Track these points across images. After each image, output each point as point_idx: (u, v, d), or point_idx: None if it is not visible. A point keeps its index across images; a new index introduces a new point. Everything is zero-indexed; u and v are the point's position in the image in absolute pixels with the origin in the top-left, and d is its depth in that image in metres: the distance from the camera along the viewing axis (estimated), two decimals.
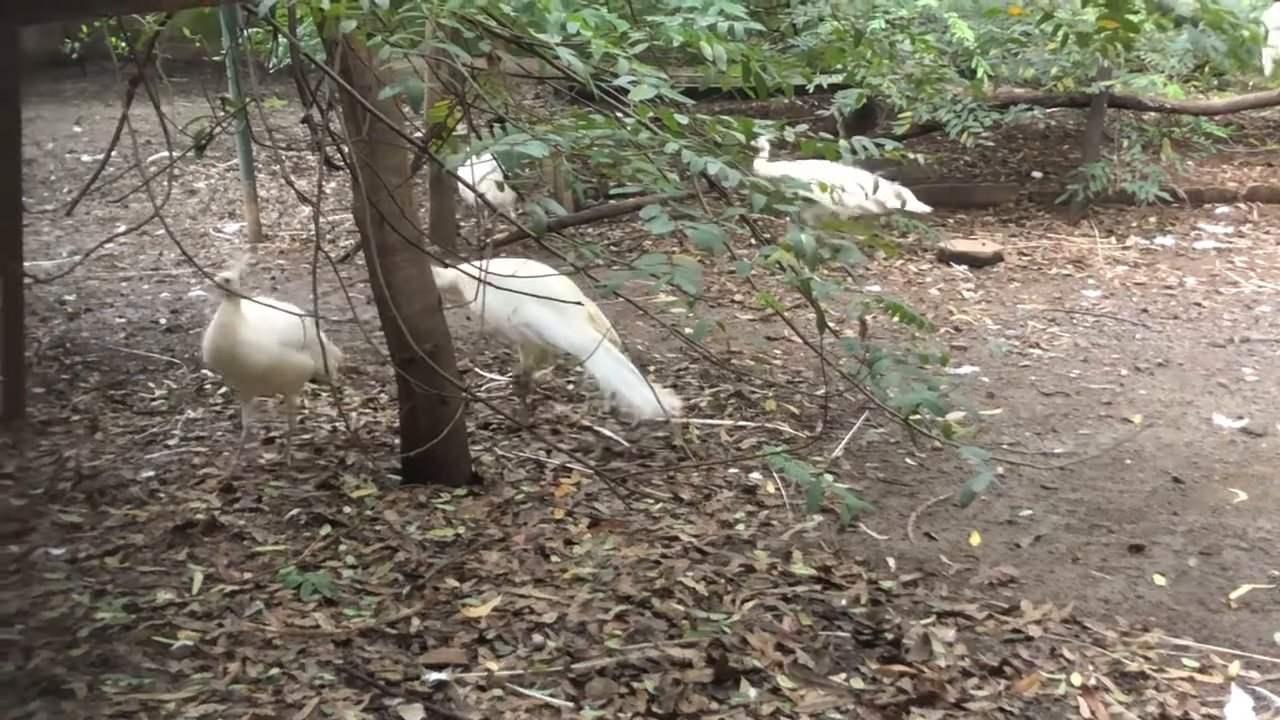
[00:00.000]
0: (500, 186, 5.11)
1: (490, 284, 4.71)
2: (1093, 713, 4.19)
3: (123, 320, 8.69)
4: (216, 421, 6.66)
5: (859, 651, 4.53)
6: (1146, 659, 4.53)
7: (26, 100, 6.90)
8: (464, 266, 6.26)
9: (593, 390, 6.63)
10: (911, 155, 4.75)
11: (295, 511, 5.52)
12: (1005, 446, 6.52)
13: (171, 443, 6.39)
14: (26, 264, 7.05)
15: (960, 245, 10.66)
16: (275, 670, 4.25)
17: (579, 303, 6.24)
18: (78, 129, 15.98)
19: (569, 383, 7.33)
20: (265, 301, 5.88)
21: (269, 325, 5.78)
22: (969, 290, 9.74)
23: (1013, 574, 5.17)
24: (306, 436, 6.45)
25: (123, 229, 10.57)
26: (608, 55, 3.90)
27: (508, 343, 6.94)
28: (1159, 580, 5.17)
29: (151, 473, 5.98)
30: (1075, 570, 5.26)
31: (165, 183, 6.91)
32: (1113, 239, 11.19)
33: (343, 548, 5.20)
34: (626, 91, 3.87)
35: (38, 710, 3.99)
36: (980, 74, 10.12)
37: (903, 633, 4.61)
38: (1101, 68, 11.17)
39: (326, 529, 5.37)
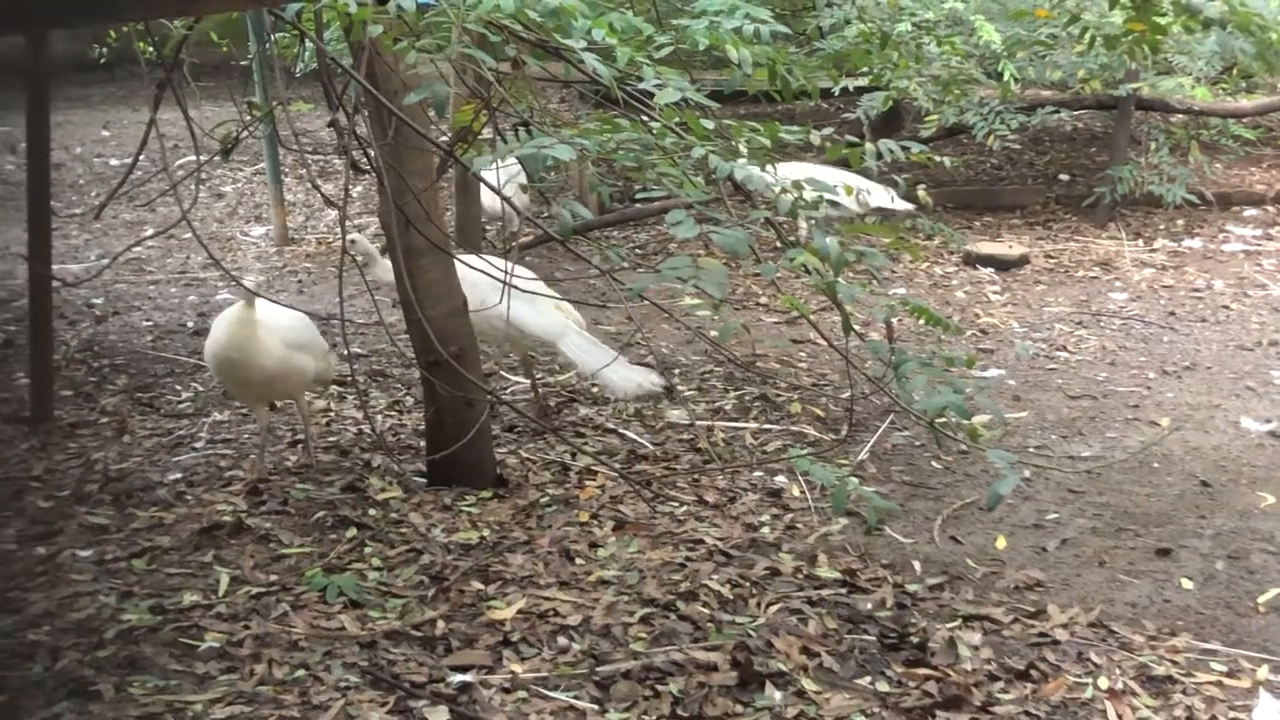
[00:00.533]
0: (524, 189, 5.12)
1: (512, 282, 4.71)
2: (1119, 717, 4.17)
3: (150, 323, 8.73)
4: (243, 424, 6.69)
5: (884, 655, 4.52)
6: (1174, 663, 4.51)
7: (55, 105, 6.94)
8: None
9: (568, 371, 6.57)
10: (938, 158, 4.74)
11: (321, 514, 5.54)
12: (1032, 450, 6.50)
13: (198, 445, 6.42)
14: (54, 267, 7.08)
15: (986, 248, 10.63)
16: (301, 672, 4.27)
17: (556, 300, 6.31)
18: (105, 133, 16.05)
19: (593, 385, 7.34)
20: (269, 299, 5.86)
21: (272, 327, 5.77)
22: (995, 293, 9.71)
23: (1039, 578, 5.16)
24: (332, 439, 6.47)
25: (150, 233, 10.61)
26: (632, 60, 3.90)
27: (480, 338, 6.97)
28: (1186, 584, 5.15)
29: (178, 475, 6.01)
30: (1102, 574, 5.24)
31: (192, 186, 6.93)
32: (1140, 242, 11.14)
33: (368, 550, 5.22)
34: (652, 95, 3.88)
35: (65, 711, 4.02)
36: (1007, 76, 10.09)
37: (928, 636, 4.60)
38: (1129, 70, 11.11)
39: (352, 531, 5.39)
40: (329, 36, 6.18)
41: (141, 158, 5.71)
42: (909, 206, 10.34)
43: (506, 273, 4.79)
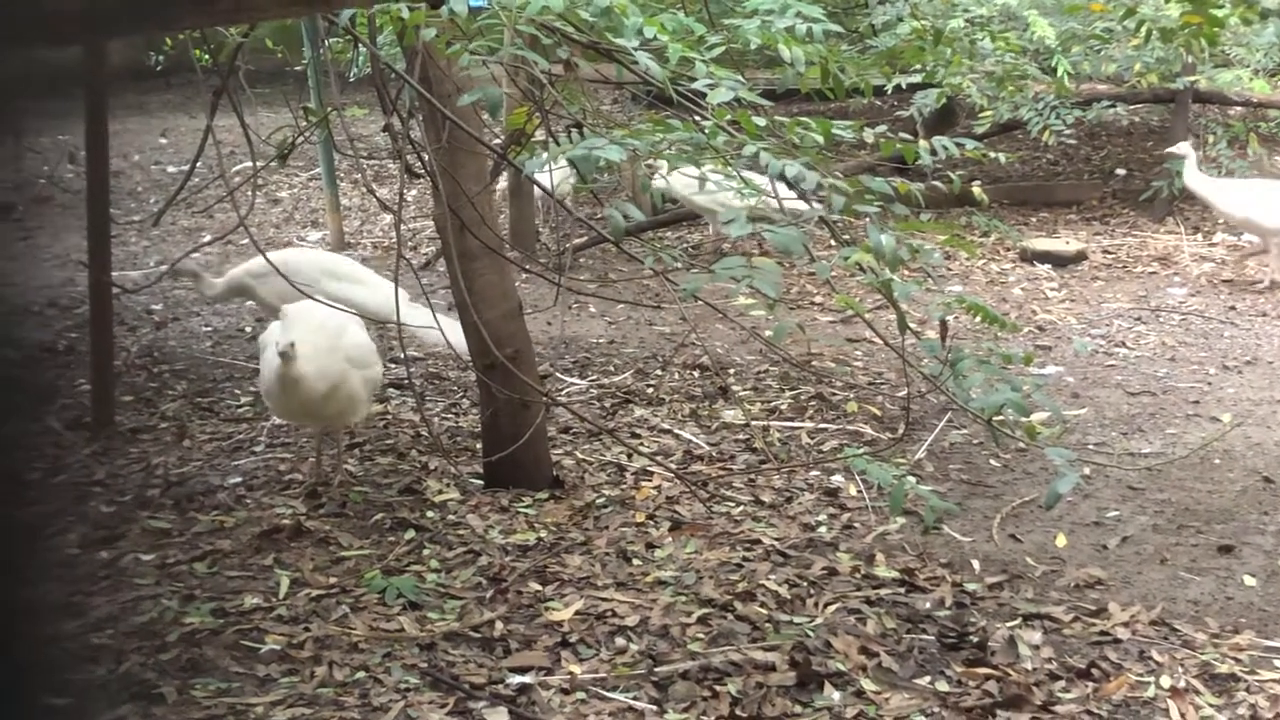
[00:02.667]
0: (575, 190, 5.14)
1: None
2: (1182, 715, 4.13)
3: (209, 329, 8.81)
4: (301, 428, 6.73)
5: (944, 655, 4.49)
6: (1237, 661, 4.46)
7: (113, 113, 7.01)
8: (242, 266, 6.86)
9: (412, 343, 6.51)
10: (992, 154, 4.71)
11: (379, 516, 5.57)
12: (1091, 447, 6.44)
13: (257, 449, 6.47)
14: (114, 274, 7.15)
15: (1043, 244, 10.56)
16: (361, 674, 4.30)
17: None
18: (163, 140, 16.23)
19: (648, 386, 7.34)
20: (326, 303, 5.77)
21: (331, 347, 5.65)
22: (1052, 289, 9.64)
23: (1100, 576, 5.11)
24: (389, 442, 6.51)
25: (208, 239, 10.71)
26: (684, 59, 3.90)
27: None
28: (1249, 581, 5.09)
29: (238, 479, 6.05)
30: (1163, 571, 5.19)
31: (249, 192, 6.99)
32: (1199, 236, 11.04)
33: (426, 552, 5.24)
34: (704, 95, 3.88)
35: (129, 714, 4.06)
36: (1061, 72, 10.02)
37: (988, 635, 4.57)
38: (1186, 63, 11.02)
39: (410, 533, 5.41)
40: (382, 41, 6.21)
41: (199, 164, 5.76)
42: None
43: (559, 276, 4.80)
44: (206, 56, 6.19)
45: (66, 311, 9.07)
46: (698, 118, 4.07)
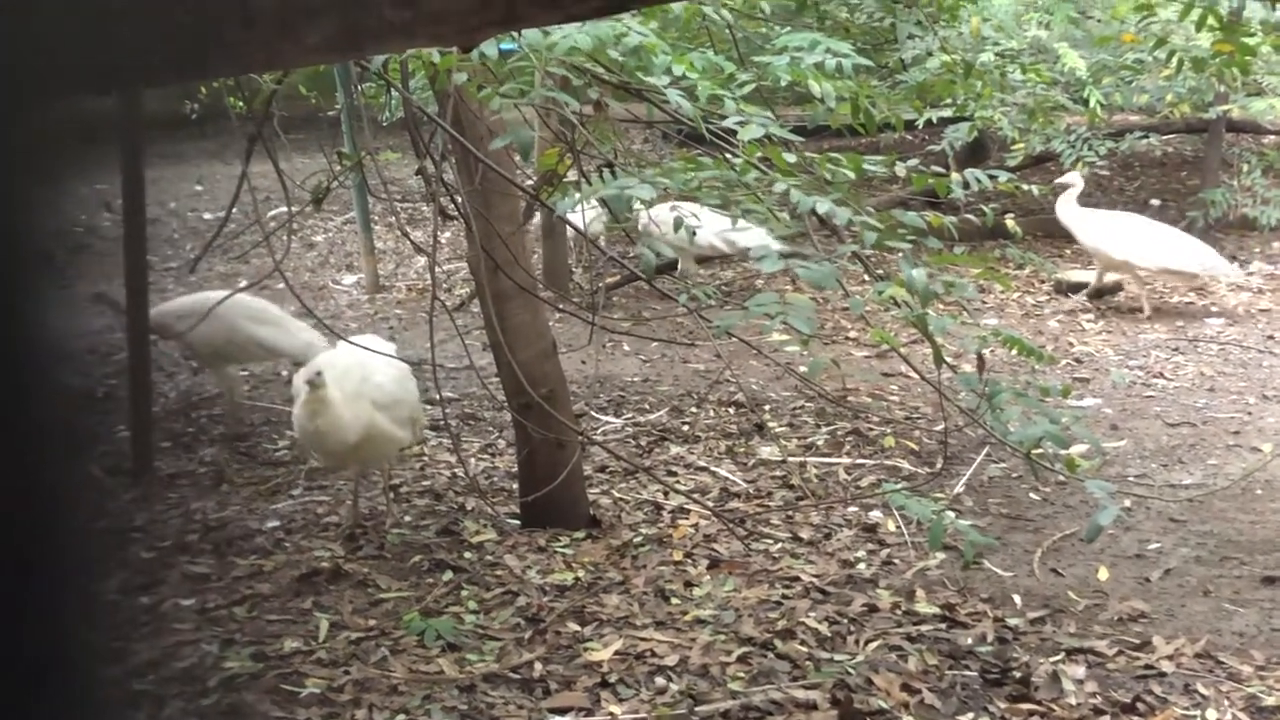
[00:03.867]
0: (606, 229, 5.15)
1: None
2: None
3: (245, 373, 8.85)
4: (337, 471, 6.75)
5: (986, 691, 4.45)
6: None
7: (149, 161, 7.07)
8: (164, 306, 7.27)
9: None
10: (1025, 186, 4.70)
11: (417, 558, 5.57)
12: (1131, 479, 6.40)
13: (295, 492, 6.48)
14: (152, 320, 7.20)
15: (1078, 275, 10.52)
16: (401, 716, 4.29)
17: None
18: (199, 188, 16.35)
19: (684, 423, 7.33)
20: (366, 345, 5.80)
21: (361, 392, 5.63)
22: (1089, 321, 9.60)
23: (1143, 609, 5.07)
24: (426, 483, 6.51)
25: (244, 284, 10.76)
26: (714, 97, 3.91)
27: (225, 364, 7.34)
28: None
29: (277, 523, 6.07)
30: (1207, 604, 5.14)
31: (285, 237, 7.04)
32: (1236, 265, 10.97)
33: (464, 593, 5.24)
34: (734, 132, 3.88)
35: None
36: (1093, 103, 10.00)
37: (1031, 671, 4.53)
38: (1218, 92, 10.98)
39: (448, 574, 5.41)
40: (414, 85, 6.25)
41: (234, 210, 5.79)
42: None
43: (593, 315, 4.80)
44: (241, 103, 6.24)
45: (105, 358, 9.11)
46: (729, 155, 4.08)
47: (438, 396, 5.92)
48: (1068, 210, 9.92)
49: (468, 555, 5.60)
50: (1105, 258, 9.66)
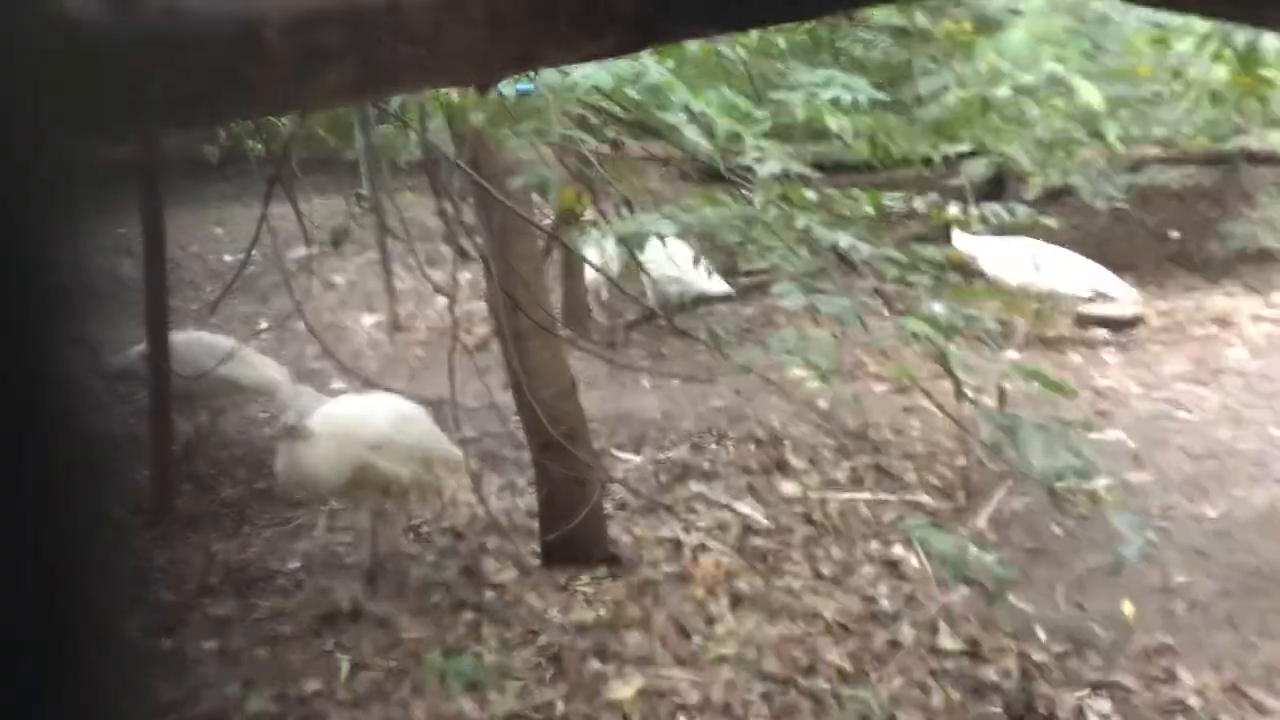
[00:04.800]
0: (626, 267, 5.16)
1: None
2: None
3: (266, 414, 8.86)
4: (359, 510, 6.75)
5: None
6: None
7: (169, 205, 7.11)
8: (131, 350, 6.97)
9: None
10: (1044, 220, 4.70)
11: (438, 597, 5.57)
12: (1155, 511, 6.36)
13: (316, 533, 6.48)
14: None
15: (1099, 309, 10.49)
16: None
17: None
18: (219, 230, 16.41)
19: (704, 460, 7.32)
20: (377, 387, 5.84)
21: (352, 434, 5.61)
22: (1110, 354, 9.57)
23: (1168, 642, 5.04)
24: (447, 523, 6.51)
25: (265, 325, 10.80)
26: (733, 134, 3.92)
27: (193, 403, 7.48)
28: None
29: (298, 563, 6.07)
30: (1233, 636, 5.10)
31: (304, 279, 7.07)
32: (1257, 297, 10.93)
33: (485, 632, 5.23)
34: (752, 169, 3.89)
35: None
36: (1112, 137, 10.00)
37: (1056, 705, 4.50)
38: (1237, 125, 10.96)
39: (469, 614, 5.40)
40: (432, 126, 6.29)
41: (254, 252, 5.82)
42: (727, 290, 9.92)
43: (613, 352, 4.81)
44: (260, 146, 6.28)
45: (125, 399, 9.15)
46: (746, 192, 4.09)
47: (459, 436, 5.92)
48: (963, 241, 9.81)
49: (489, 594, 5.59)
50: (1003, 284, 9.53)
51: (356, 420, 5.71)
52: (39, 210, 0.95)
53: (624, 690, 4.68)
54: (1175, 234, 13.11)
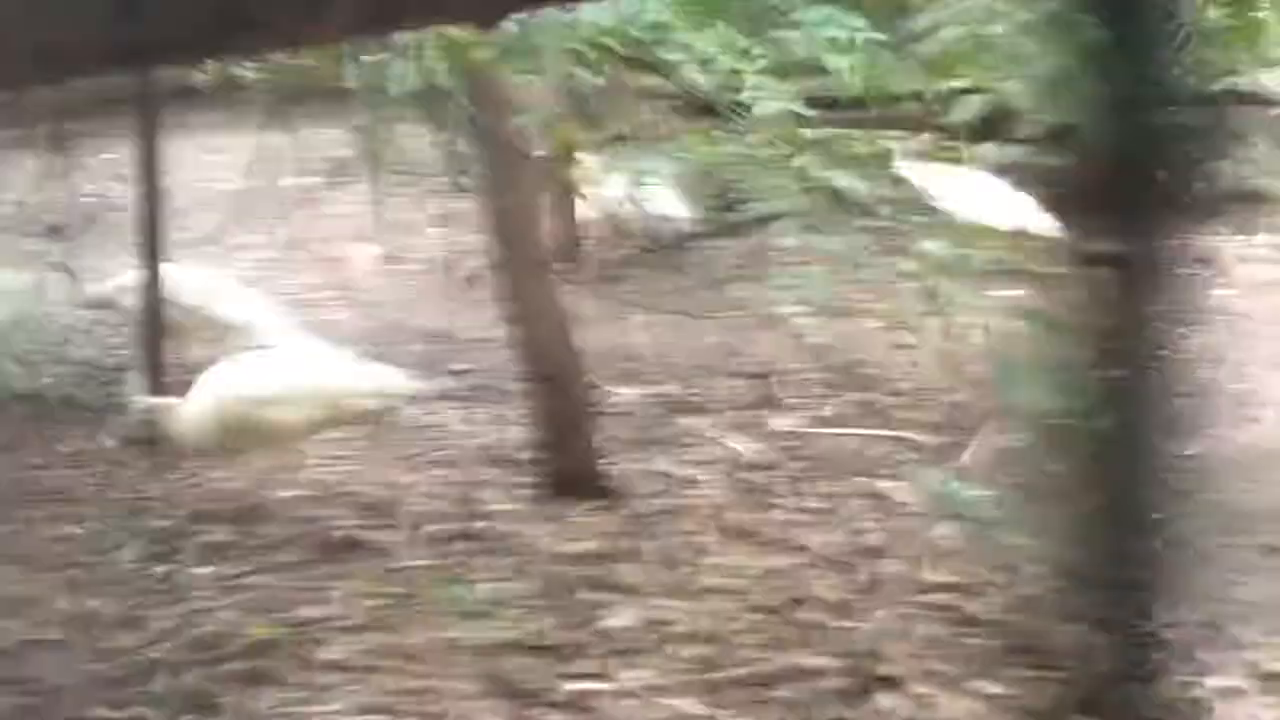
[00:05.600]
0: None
1: None
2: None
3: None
4: (354, 441, 6.78)
5: (995, 657, 4.49)
6: None
7: (162, 132, 7.07)
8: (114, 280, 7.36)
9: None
10: (1039, 159, 4.72)
11: (433, 527, 5.62)
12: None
13: (311, 463, 6.50)
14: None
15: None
16: (418, 683, 4.34)
17: None
18: (210, 159, 16.31)
19: (696, 395, 7.35)
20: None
21: (241, 392, 5.81)
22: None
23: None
24: (441, 454, 6.54)
25: (257, 257, 10.76)
26: (733, 70, 3.94)
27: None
28: None
29: (295, 493, 6.10)
30: (1212, 573, 5.17)
31: (299, 209, 7.08)
32: (1243, 237, 10.95)
33: (480, 562, 5.29)
34: (750, 106, 3.91)
35: None
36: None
37: (1039, 637, 4.56)
38: (1226, 65, 10.93)
39: (464, 544, 5.46)
40: (431, 57, 6.28)
41: (249, 182, 5.82)
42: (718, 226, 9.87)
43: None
44: (253, 74, 6.26)
45: (117, 329, 9.15)
46: (739, 129, 4.11)
47: (453, 368, 5.95)
48: (912, 171, 9.59)
49: (483, 525, 5.64)
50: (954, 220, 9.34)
51: (244, 377, 5.87)
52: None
53: (617, 620, 4.75)
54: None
